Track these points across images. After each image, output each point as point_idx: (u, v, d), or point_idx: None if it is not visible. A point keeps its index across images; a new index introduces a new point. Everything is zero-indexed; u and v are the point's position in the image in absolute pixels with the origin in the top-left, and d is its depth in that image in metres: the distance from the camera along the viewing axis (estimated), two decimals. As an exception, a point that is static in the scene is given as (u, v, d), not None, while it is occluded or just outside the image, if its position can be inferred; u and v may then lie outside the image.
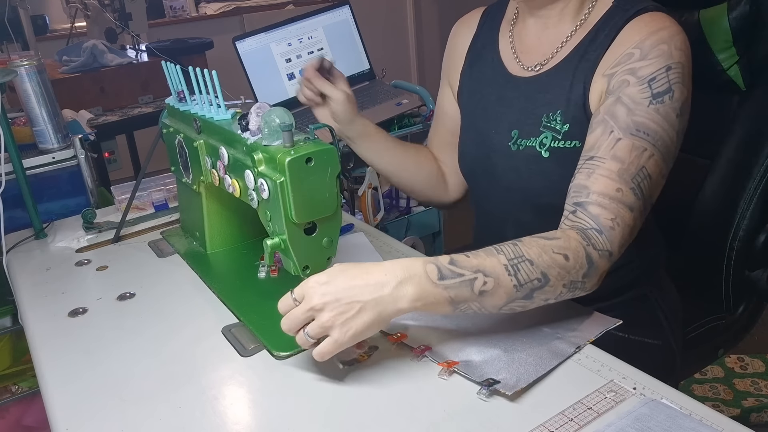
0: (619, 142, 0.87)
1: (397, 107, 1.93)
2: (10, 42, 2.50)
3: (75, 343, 0.94)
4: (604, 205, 0.86)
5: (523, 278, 0.79)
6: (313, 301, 0.75)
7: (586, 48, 0.97)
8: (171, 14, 3.91)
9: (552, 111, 0.99)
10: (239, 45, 1.84)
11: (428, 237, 2.11)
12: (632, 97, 0.89)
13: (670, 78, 0.88)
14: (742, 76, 1.17)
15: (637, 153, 0.87)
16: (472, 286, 0.77)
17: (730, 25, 1.14)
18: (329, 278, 0.76)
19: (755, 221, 1.17)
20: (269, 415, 0.77)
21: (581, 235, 0.84)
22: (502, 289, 0.78)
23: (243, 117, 0.92)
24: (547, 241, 0.82)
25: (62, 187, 1.50)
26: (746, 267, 1.22)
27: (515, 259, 0.79)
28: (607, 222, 0.85)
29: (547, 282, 0.80)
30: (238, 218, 1.17)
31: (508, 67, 1.07)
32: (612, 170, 0.87)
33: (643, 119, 0.88)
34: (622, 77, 0.90)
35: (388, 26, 4.55)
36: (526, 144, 1.01)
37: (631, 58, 0.91)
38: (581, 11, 1.00)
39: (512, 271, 0.79)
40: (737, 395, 1.87)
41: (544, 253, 0.80)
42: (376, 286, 0.76)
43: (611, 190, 0.86)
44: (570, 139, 0.97)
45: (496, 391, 0.75)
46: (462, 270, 0.78)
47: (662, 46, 0.89)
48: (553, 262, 0.80)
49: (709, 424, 0.68)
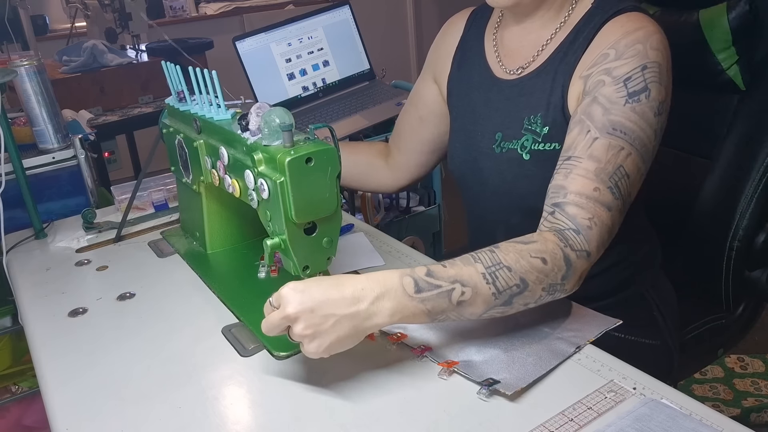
0: (596, 141, 0.87)
1: (397, 107, 1.92)
2: (10, 42, 2.50)
3: (75, 343, 0.94)
4: (581, 204, 0.85)
5: (501, 285, 0.78)
6: (287, 309, 0.74)
7: (566, 50, 0.97)
8: (171, 14, 3.91)
9: (533, 114, 0.99)
10: (239, 45, 1.84)
11: (428, 237, 2.11)
12: (608, 96, 0.88)
13: (646, 77, 0.88)
14: (741, 76, 1.17)
15: (614, 152, 0.86)
16: (450, 296, 0.77)
17: (730, 25, 1.14)
18: (305, 287, 0.75)
19: (755, 221, 1.17)
20: (269, 415, 0.77)
21: (558, 236, 0.83)
22: (480, 298, 0.78)
23: (243, 117, 0.92)
24: (524, 245, 0.81)
25: (62, 187, 1.49)
26: (746, 267, 1.22)
27: (493, 266, 0.79)
28: (584, 222, 0.84)
29: (525, 287, 0.79)
30: (238, 218, 1.17)
31: (493, 70, 1.07)
32: (589, 170, 0.86)
33: (620, 118, 0.87)
34: (598, 77, 0.90)
35: (388, 26, 4.55)
36: (509, 147, 1.02)
37: (607, 58, 0.91)
38: (561, 13, 1.00)
39: (490, 279, 0.78)
40: (737, 395, 1.87)
41: (522, 258, 0.80)
42: (352, 300, 0.75)
43: (588, 189, 0.85)
44: (549, 142, 0.97)
45: (496, 391, 0.75)
46: (439, 281, 0.77)
47: (637, 46, 0.89)
48: (530, 266, 0.80)
49: (709, 424, 0.68)
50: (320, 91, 1.94)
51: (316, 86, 1.93)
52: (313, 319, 0.73)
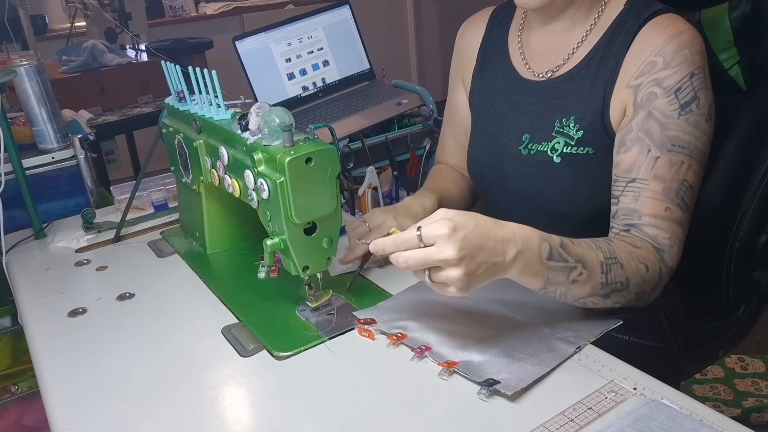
0: (658, 160, 0.90)
1: (397, 107, 1.93)
2: (9, 42, 2.50)
3: (75, 343, 0.94)
4: (658, 225, 0.89)
5: (611, 279, 0.83)
6: (447, 253, 0.72)
7: (603, 54, 0.96)
8: (171, 14, 3.91)
9: (566, 117, 0.98)
10: (239, 45, 1.84)
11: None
12: (662, 110, 0.90)
13: (695, 85, 0.90)
14: (743, 77, 1.17)
15: (676, 168, 0.90)
16: (570, 274, 0.80)
17: (732, 25, 1.13)
18: (461, 229, 0.73)
19: (756, 221, 1.17)
20: (269, 415, 0.77)
21: (655, 249, 0.88)
22: (590, 284, 0.82)
23: (243, 117, 0.92)
24: (634, 248, 0.86)
25: (62, 187, 1.49)
26: (747, 267, 1.22)
27: (610, 259, 0.83)
28: (665, 241, 0.89)
29: (626, 287, 0.84)
30: (238, 218, 1.17)
31: (519, 72, 1.06)
32: (657, 191, 0.89)
33: (676, 132, 0.90)
34: (649, 89, 0.91)
35: (388, 26, 4.55)
36: (537, 149, 1.01)
37: (655, 66, 0.91)
38: (591, 15, 0.99)
39: (605, 269, 0.82)
40: (738, 395, 1.87)
41: (632, 260, 0.84)
42: (500, 251, 0.76)
43: (660, 210, 0.89)
44: (583, 146, 0.97)
45: (496, 391, 0.75)
46: (567, 256, 0.80)
47: (684, 52, 0.90)
48: (637, 270, 0.85)
49: (710, 424, 0.68)
50: (320, 90, 1.93)
51: (316, 86, 1.93)
52: (470, 266, 0.73)
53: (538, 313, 0.89)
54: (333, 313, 0.94)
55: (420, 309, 0.93)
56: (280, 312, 0.96)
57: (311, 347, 0.87)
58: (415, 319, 0.90)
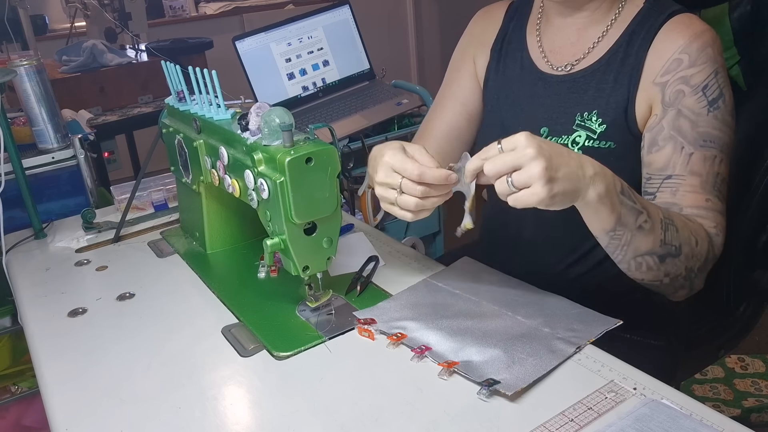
0: (692, 156, 0.92)
1: (397, 107, 1.93)
2: (9, 42, 2.50)
3: (75, 343, 0.94)
4: (702, 215, 0.91)
5: (668, 238, 0.85)
6: (528, 150, 0.74)
7: (625, 50, 0.97)
8: (171, 14, 3.91)
9: (587, 110, 0.99)
10: (239, 45, 1.84)
11: (428, 237, 2.11)
12: (691, 108, 0.92)
13: (720, 82, 0.92)
14: (743, 77, 1.17)
15: (709, 162, 0.92)
16: (637, 217, 0.83)
17: (732, 25, 1.13)
18: (539, 138, 0.76)
19: (756, 222, 1.17)
20: (269, 415, 0.77)
21: (705, 230, 0.90)
22: (652, 236, 0.84)
23: (243, 117, 0.92)
24: (688, 220, 0.88)
25: (62, 187, 1.49)
26: (747, 267, 1.22)
27: (668, 219, 0.86)
28: (712, 230, 0.91)
29: (679, 254, 0.87)
30: (238, 218, 1.16)
31: (538, 65, 1.06)
32: (695, 185, 0.91)
33: (707, 129, 0.92)
34: (677, 87, 0.92)
35: (388, 26, 4.55)
36: (557, 142, 1.01)
37: (681, 64, 0.92)
38: (611, 11, 1.00)
39: (664, 227, 0.85)
40: (738, 395, 1.87)
41: (685, 228, 0.87)
42: (579, 166, 0.78)
43: (701, 201, 0.91)
44: (605, 140, 0.97)
45: (496, 391, 0.75)
46: (636, 199, 0.83)
47: (708, 50, 0.92)
48: (688, 240, 0.87)
49: (710, 424, 0.68)
50: (320, 90, 1.94)
51: (316, 86, 1.93)
52: (551, 162, 0.75)
53: (538, 313, 0.89)
54: (333, 313, 0.94)
55: (420, 309, 0.93)
56: (280, 312, 0.96)
57: (311, 347, 0.87)
58: (415, 319, 0.90)
